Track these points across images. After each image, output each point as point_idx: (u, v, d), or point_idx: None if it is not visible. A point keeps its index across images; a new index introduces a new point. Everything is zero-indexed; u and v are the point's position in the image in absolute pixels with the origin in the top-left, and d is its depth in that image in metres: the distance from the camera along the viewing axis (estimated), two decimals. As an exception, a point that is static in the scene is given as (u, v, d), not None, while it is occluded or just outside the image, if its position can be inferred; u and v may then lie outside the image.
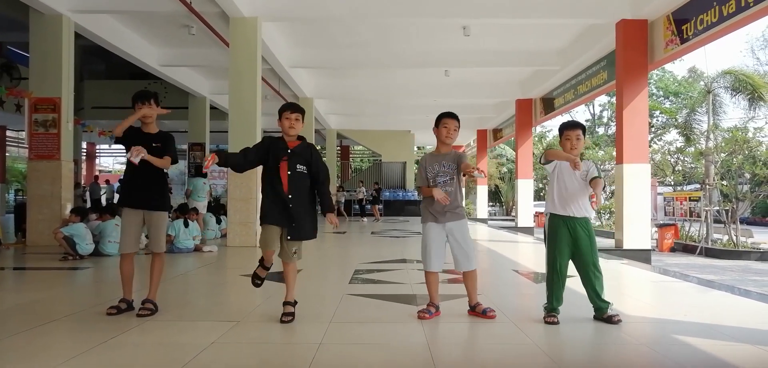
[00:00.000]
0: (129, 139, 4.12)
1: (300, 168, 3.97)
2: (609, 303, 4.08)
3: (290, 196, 3.90)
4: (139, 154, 3.98)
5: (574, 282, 4.31)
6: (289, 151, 3.99)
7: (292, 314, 4.00)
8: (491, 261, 8.45)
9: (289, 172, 3.93)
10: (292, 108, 4.03)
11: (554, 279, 4.07)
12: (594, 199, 3.87)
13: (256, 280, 4.18)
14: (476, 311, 4.20)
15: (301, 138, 4.09)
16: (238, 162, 4.06)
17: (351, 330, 3.84)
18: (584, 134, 4.21)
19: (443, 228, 4.14)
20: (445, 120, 4.23)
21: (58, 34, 9.67)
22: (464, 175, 4.16)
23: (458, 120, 4.30)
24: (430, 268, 4.17)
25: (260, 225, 4.02)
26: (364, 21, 10.94)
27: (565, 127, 4.21)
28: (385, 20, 10.81)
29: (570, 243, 4.06)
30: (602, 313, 4.05)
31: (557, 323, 3.97)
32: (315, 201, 4.12)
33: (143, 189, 4.20)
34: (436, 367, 3.06)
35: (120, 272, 4.30)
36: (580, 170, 3.94)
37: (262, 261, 4.11)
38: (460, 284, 4.46)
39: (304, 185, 3.99)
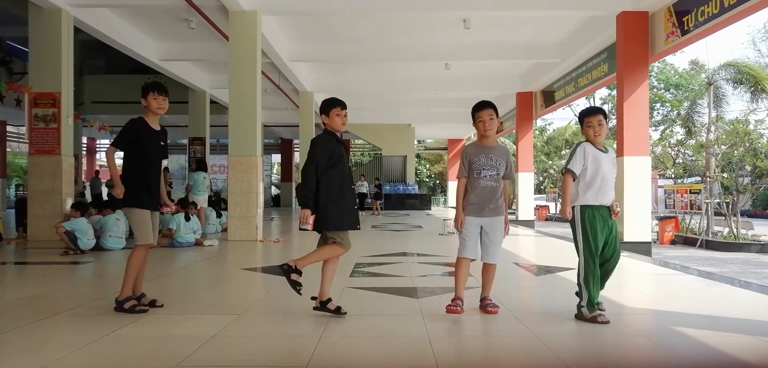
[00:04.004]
0: (141, 138, 4.08)
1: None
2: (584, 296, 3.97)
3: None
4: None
5: (572, 274, 4.31)
6: (344, 149, 3.94)
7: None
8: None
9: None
10: (343, 105, 3.89)
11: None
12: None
13: (299, 286, 3.90)
14: (484, 303, 4.13)
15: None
16: (312, 188, 3.82)
17: (352, 323, 3.85)
18: (606, 119, 4.02)
19: (480, 221, 4.02)
20: (478, 113, 3.97)
21: (58, 28, 9.64)
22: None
23: (494, 108, 4.01)
24: (464, 254, 3.99)
25: (340, 230, 4.01)
26: (364, 14, 10.89)
27: (585, 114, 4.01)
28: (385, 13, 10.74)
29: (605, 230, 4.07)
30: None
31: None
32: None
33: (156, 190, 4.23)
34: (436, 360, 3.06)
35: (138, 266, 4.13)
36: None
37: (296, 268, 3.88)
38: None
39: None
